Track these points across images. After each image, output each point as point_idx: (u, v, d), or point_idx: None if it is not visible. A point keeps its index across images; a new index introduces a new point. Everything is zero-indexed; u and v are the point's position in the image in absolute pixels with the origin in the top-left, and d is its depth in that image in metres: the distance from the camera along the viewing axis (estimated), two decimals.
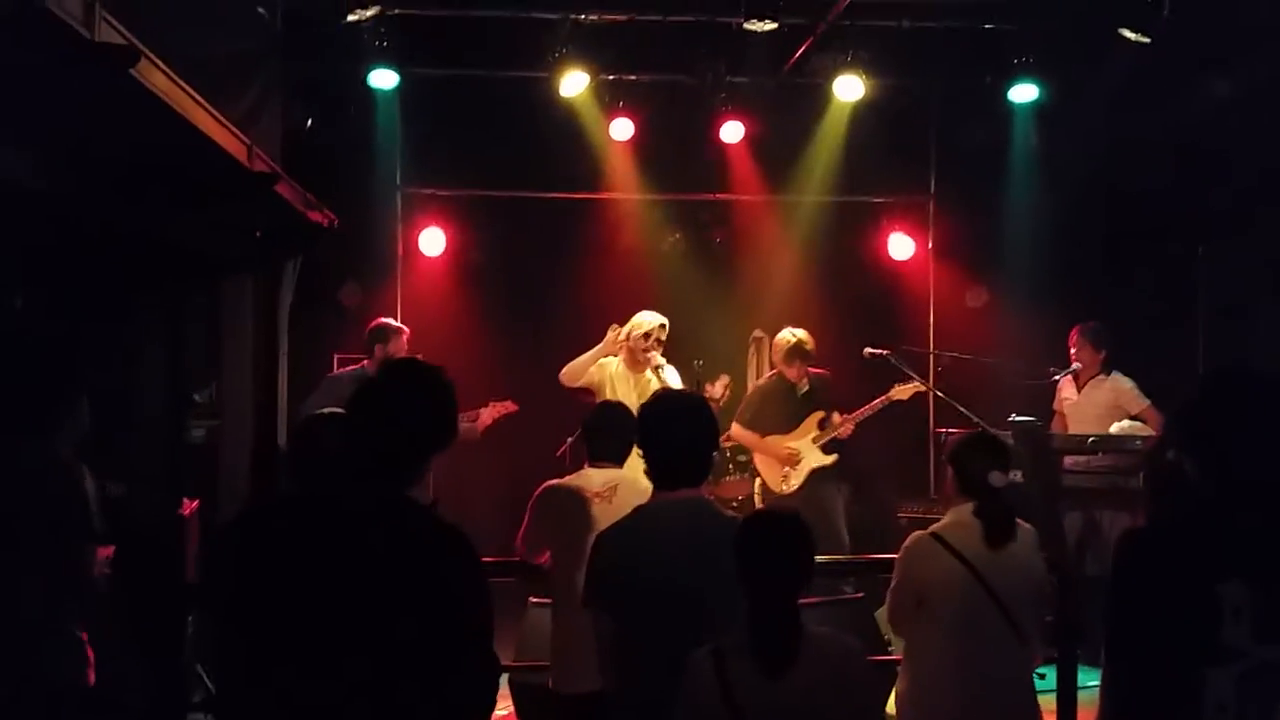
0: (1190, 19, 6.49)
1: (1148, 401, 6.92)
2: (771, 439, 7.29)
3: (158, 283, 4.62)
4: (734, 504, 7.45)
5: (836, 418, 7.22)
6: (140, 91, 2.98)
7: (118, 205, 3.55)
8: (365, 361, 6.87)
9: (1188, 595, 2.59)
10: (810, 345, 7.18)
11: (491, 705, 2.91)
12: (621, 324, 6.61)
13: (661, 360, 6.47)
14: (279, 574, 2.73)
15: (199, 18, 4.28)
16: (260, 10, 5.64)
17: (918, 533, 4.00)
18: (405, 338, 6.90)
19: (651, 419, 3.55)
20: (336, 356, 8.07)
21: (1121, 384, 7.10)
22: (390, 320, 7.15)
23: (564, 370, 6.63)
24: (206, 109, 3.60)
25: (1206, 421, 2.74)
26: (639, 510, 3.53)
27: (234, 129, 3.99)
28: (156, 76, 3.15)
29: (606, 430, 4.78)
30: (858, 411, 7.20)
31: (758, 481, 7.55)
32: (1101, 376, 7.19)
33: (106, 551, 4.51)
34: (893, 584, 4.01)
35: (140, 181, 3.49)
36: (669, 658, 3.25)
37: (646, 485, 4.01)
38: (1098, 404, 7.16)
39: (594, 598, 3.43)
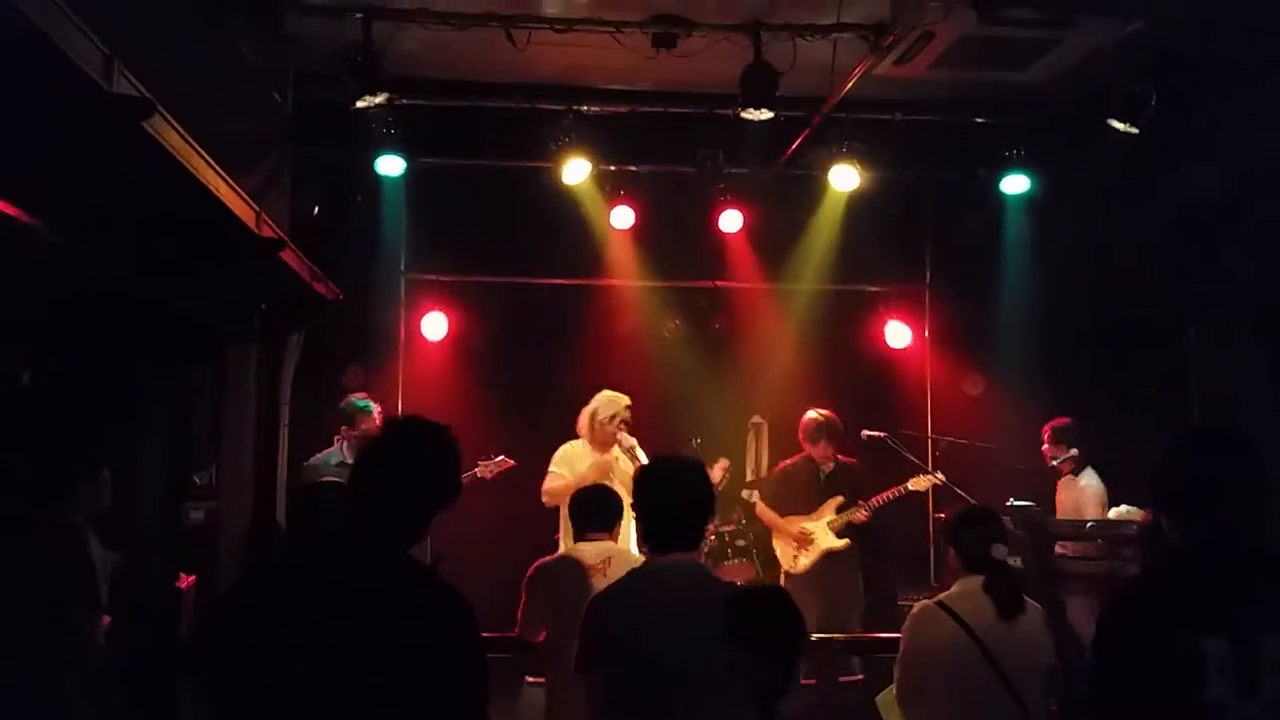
0: (1177, 110, 6.66)
1: (1104, 510, 6.95)
2: (789, 519, 7.38)
3: (163, 355, 4.68)
4: None
5: (857, 504, 7.29)
6: (153, 146, 3.08)
7: (126, 264, 3.63)
8: (335, 444, 6.93)
9: (1171, 653, 2.61)
10: (837, 425, 7.29)
11: None
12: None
13: (633, 441, 6.61)
14: (275, 638, 2.73)
15: (213, 96, 4.41)
16: (275, 95, 5.79)
17: (924, 601, 4.01)
18: (377, 414, 6.94)
19: (648, 482, 3.60)
20: (337, 440, 8.12)
21: (1088, 486, 7.14)
22: (356, 398, 7.12)
23: (544, 490, 6.81)
24: (217, 171, 3.70)
25: (1179, 479, 2.79)
26: (633, 573, 3.56)
27: (243, 193, 4.09)
28: (170, 134, 3.25)
29: (593, 504, 4.85)
30: (874, 498, 7.28)
31: (757, 566, 7.59)
32: (1071, 477, 7.25)
33: (104, 620, 4.53)
34: (899, 655, 3.99)
35: (149, 240, 3.57)
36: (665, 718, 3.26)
37: (638, 557, 4.05)
38: (1064, 504, 7.24)
39: (587, 662, 3.43)
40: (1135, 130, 6.80)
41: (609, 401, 6.87)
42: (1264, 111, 6.29)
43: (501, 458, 7.60)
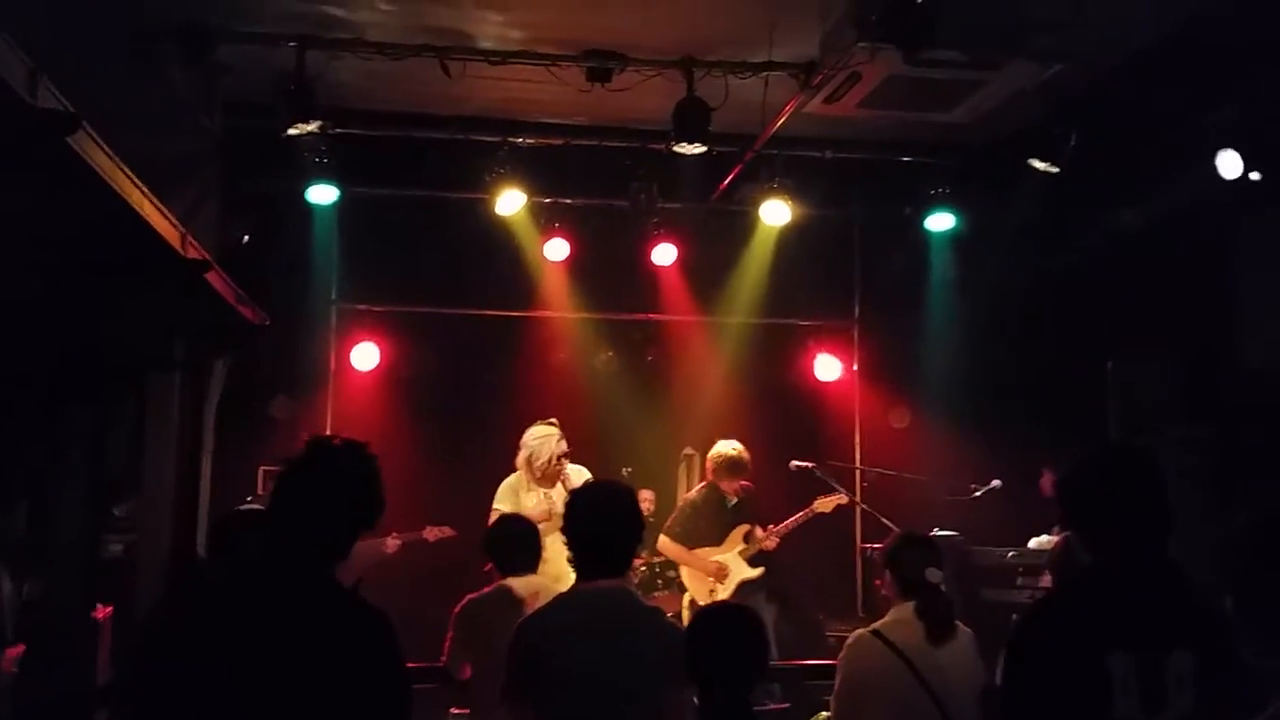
0: (1097, 151, 6.85)
1: None
2: (699, 552, 7.34)
3: (83, 381, 4.60)
4: None
5: (760, 531, 7.30)
6: (77, 163, 3.03)
7: (45, 286, 3.56)
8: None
9: (1076, 669, 2.66)
10: (748, 460, 7.31)
11: None
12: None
13: (585, 475, 6.57)
14: (197, 663, 2.71)
15: (140, 119, 4.37)
16: (204, 121, 5.74)
17: (859, 630, 4.04)
18: None
19: (576, 507, 3.60)
20: (263, 469, 8.03)
21: None
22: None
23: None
24: (143, 190, 3.65)
25: (1084, 496, 2.85)
26: (559, 599, 3.55)
27: (169, 214, 4.04)
28: (95, 151, 3.21)
29: (512, 543, 4.85)
30: (782, 524, 7.30)
31: (686, 596, 7.55)
32: None
33: (15, 651, 4.42)
34: (836, 685, 4.01)
35: (70, 261, 3.51)
36: None
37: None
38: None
39: (514, 688, 3.41)
40: (1055, 169, 6.99)
41: (542, 442, 6.72)
42: (1182, 152, 6.50)
43: (446, 528, 7.66)
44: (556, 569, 5.46)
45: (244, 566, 3.11)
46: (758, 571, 7.28)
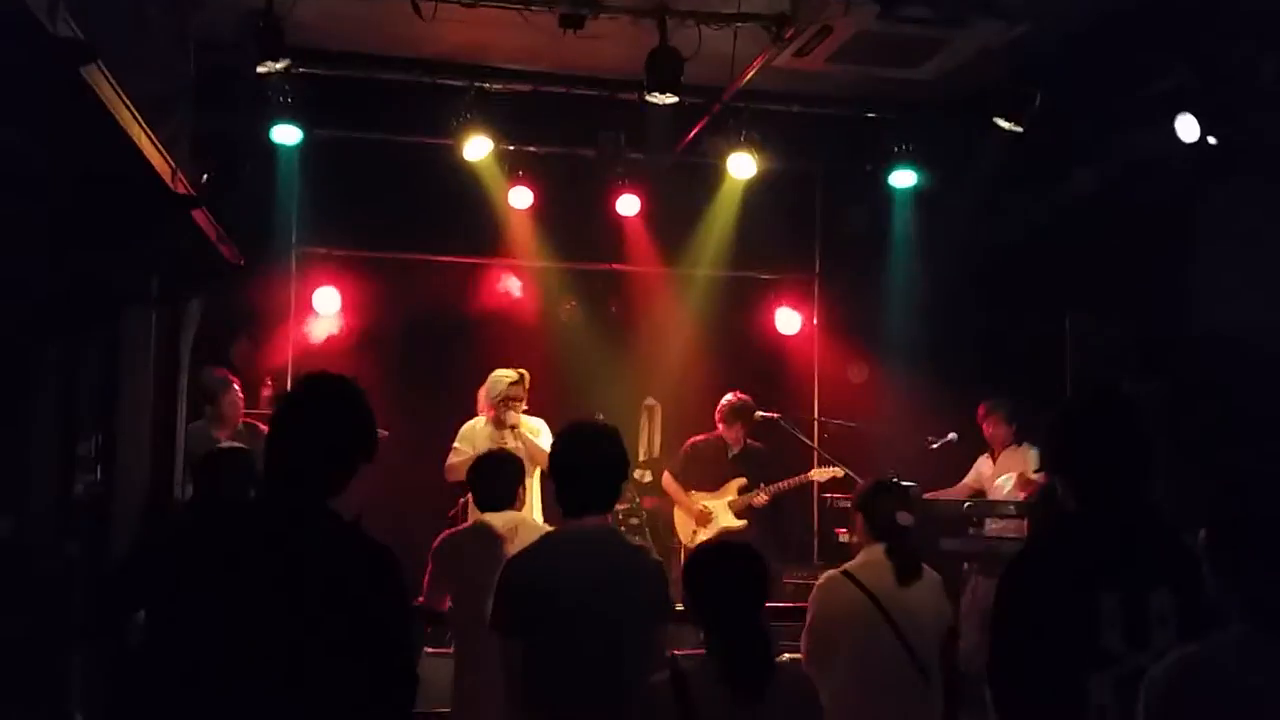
0: (1060, 110, 6.98)
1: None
2: (692, 495, 7.54)
3: (60, 315, 4.55)
4: None
5: (758, 488, 7.47)
6: (86, 94, 3.01)
7: (32, 216, 3.52)
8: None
9: (1065, 605, 2.77)
10: (752, 409, 7.46)
11: (408, 717, 2.93)
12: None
13: (522, 419, 6.64)
14: (199, 579, 2.74)
15: (124, 51, 4.30)
16: (176, 56, 5.66)
17: (830, 571, 4.16)
18: (237, 389, 6.87)
19: (563, 447, 3.64)
20: None
21: (1030, 453, 7.45)
22: (215, 372, 6.87)
23: (447, 467, 6.85)
24: (140, 124, 3.62)
25: (1068, 441, 2.96)
26: (548, 536, 3.61)
27: (163, 149, 4.01)
28: (102, 82, 3.19)
29: (493, 476, 4.90)
30: (774, 485, 7.47)
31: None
32: (1014, 447, 7.56)
33: None
34: (806, 624, 4.13)
35: (63, 192, 3.47)
36: (581, 682, 3.33)
37: (544, 526, 4.10)
38: (1004, 471, 7.51)
39: (503, 623, 3.45)
40: (1019, 129, 7.11)
41: (495, 381, 6.93)
42: (1142, 114, 6.63)
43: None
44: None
45: (244, 502, 3.13)
46: (740, 524, 7.47)
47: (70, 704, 4.99)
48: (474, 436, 6.87)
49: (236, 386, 6.89)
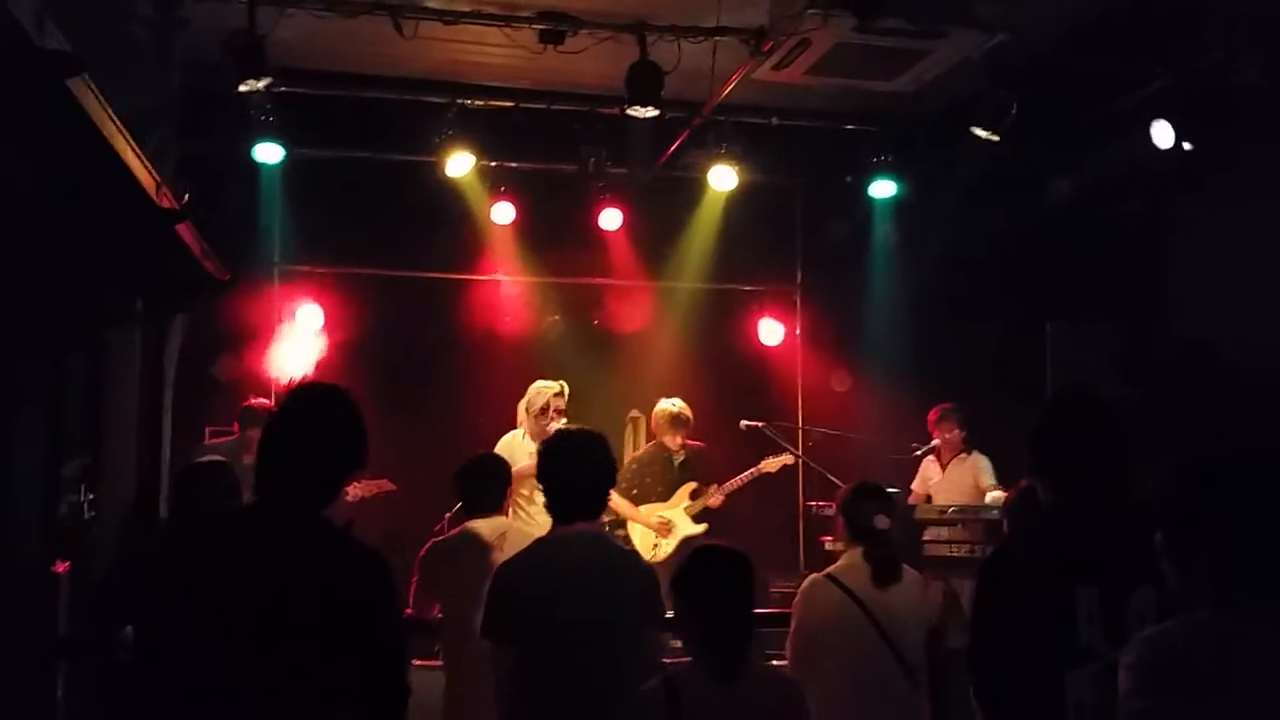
0: (1038, 120, 7.05)
1: (995, 482, 7.33)
2: (646, 508, 7.52)
3: (43, 334, 4.55)
4: None
5: (707, 489, 7.47)
6: (72, 107, 3.02)
7: (12, 233, 3.51)
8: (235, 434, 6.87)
9: (1044, 602, 2.79)
10: (689, 415, 7.46)
11: None
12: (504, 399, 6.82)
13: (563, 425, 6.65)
14: (185, 590, 2.74)
15: (111, 67, 4.32)
16: (163, 74, 5.67)
17: (813, 575, 4.19)
18: None
19: (551, 455, 3.68)
20: (209, 429, 7.97)
21: (980, 462, 7.51)
22: (258, 402, 7.14)
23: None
24: (126, 138, 3.63)
25: (1049, 443, 3.00)
26: (540, 542, 3.63)
27: (148, 164, 4.02)
28: (87, 95, 3.20)
29: (482, 481, 4.90)
30: (728, 482, 7.48)
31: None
32: (964, 455, 7.61)
33: None
34: (791, 628, 4.15)
35: (45, 207, 3.47)
36: (573, 687, 3.34)
37: (531, 532, 4.12)
38: (962, 481, 7.56)
39: (494, 629, 3.47)
40: (997, 138, 7.16)
41: (538, 393, 6.87)
42: (1118, 122, 6.71)
43: (384, 480, 7.28)
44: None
45: (232, 511, 3.13)
46: (701, 528, 7.46)
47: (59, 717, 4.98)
48: (512, 450, 6.74)
49: None
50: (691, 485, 7.54)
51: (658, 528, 7.49)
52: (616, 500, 7.52)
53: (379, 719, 2.80)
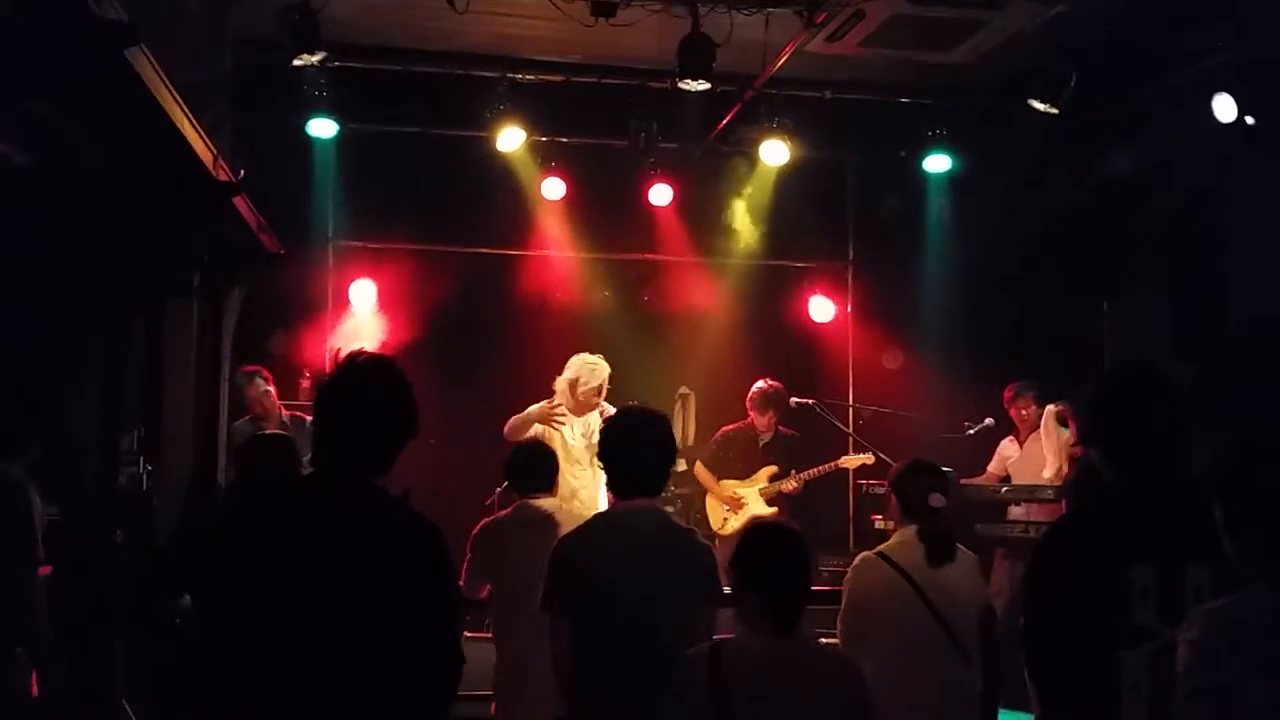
0: (1096, 93, 6.92)
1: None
2: (724, 483, 7.58)
3: (106, 306, 4.62)
4: None
5: (790, 475, 7.49)
6: (129, 76, 3.03)
7: (78, 206, 3.56)
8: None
9: (1099, 580, 2.74)
10: (784, 396, 7.48)
11: (453, 695, 2.94)
12: (554, 375, 6.77)
13: (607, 406, 6.65)
14: (244, 560, 2.77)
15: (168, 40, 4.36)
16: (217, 49, 5.71)
17: (864, 553, 4.15)
18: (264, 380, 6.93)
19: (614, 432, 3.69)
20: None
21: (1064, 433, 7.38)
22: (240, 369, 6.99)
23: (508, 426, 6.69)
24: (183, 109, 3.66)
25: (1108, 416, 2.94)
26: (600, 517, 3.65)
27: (205, 136, 4.05)
28: (145, 65, 3.22)
29: (531, 465, 4.93)
30: (806, 472, 7.48)
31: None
32: (1049, 426, 7.49)
33: (44, 571, 4.48)
34: (842, 606, 4.12)
35: (104, 178, 3.50)
36: (629, 658, 3.35)
37: (582, 511, 4.13)
38: (1035, 456, 7.44)
39: (553, 601, 3.51)
40: (1055, 111, 7.05)
41: (591, 371, 6.71)
42: (1179, 95, 6.58)
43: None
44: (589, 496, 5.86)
45: (291, 482, 3.16)
46: (771, 510, 7.47)
47: (115, 688, 5.07)
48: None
49: (263, 378, 6.95)
50: (772, 469, 7.58)
51: (729, 503, 7.54)
52: (700, 469, 7.74)
53: (435, 685, 2.82)
